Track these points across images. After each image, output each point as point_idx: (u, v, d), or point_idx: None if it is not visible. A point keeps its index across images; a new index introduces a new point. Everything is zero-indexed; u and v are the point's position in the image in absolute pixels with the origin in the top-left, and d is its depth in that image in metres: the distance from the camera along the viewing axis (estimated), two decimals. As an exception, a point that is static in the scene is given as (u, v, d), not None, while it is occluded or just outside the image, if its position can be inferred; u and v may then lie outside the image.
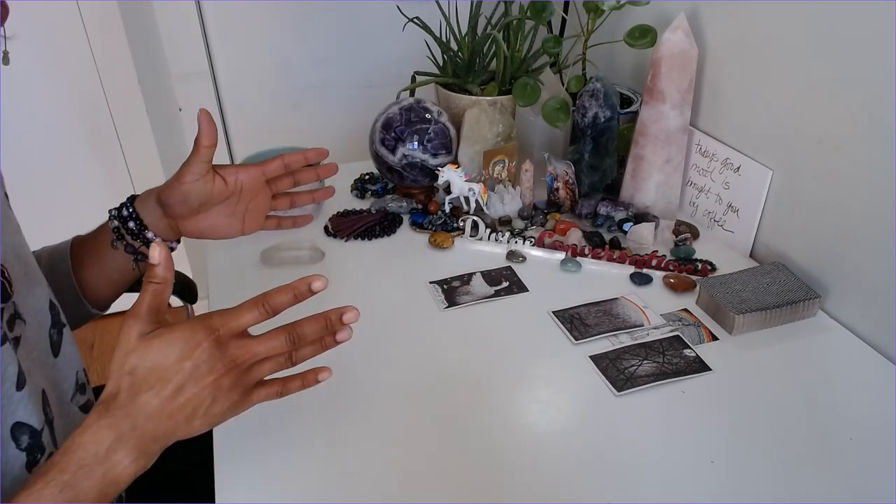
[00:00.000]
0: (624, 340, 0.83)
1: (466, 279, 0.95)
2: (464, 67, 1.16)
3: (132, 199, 0.77)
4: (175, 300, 1.17)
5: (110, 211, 0.77)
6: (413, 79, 1.20)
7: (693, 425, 0.71)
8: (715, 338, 0.84)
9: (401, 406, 0.74)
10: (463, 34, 1.15)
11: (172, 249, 0.75)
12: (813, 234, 0.90)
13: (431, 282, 0.94)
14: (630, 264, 0.97)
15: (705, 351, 0.81)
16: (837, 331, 0.86)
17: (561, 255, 0.99)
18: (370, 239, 1.05)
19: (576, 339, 0.83)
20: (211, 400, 0.52)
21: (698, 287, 0.90)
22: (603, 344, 0.82)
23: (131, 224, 0.75)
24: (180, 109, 1.77)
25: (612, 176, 1.12)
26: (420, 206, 1.11)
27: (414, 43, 1.17)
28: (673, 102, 1.00)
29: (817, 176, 0.88)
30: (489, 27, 1.13)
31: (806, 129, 0.88)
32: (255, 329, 0.54)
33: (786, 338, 0.84)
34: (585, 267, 0.97)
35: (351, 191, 1.18)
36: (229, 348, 0.52)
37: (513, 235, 1.03)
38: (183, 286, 1.18)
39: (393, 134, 1.05)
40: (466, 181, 1.03)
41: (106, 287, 0.80)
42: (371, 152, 1.10)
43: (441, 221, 1.06)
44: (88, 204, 1.78)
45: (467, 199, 1.05)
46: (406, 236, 1.06)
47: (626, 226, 1.03)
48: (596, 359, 0.80)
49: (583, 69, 1.17)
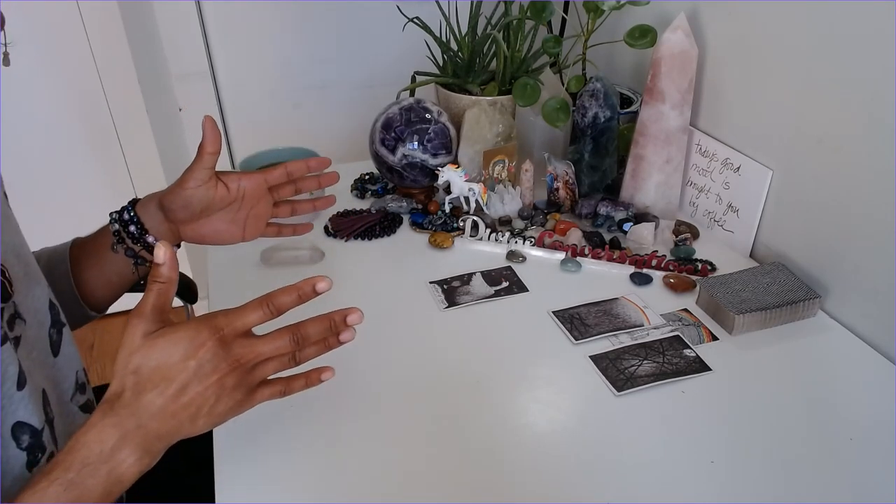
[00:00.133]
0: (624, 340, 0.83)
1: (466, 279, 0.95)
2: (464, 67, 1.16)
3: (133, 203, 0.77)
4: (175, 300, 1.16)
5: (111, 214, 0.77)
6: (413, 79, 1.20)
7: (693, 425, 0.71)
8: (715, 338, 0.84)
9: (401, 406, 0.74)
10: (463, 34, 1.15)
11: None
12: (813, 234, 0.90)
13: (431, 282, 0.94)
14: (630, 264, 0.97)
15: (705, 351, 0.81)
16: (837, 331, 0.86)
17: (561, 255, 0.99)
18: (370, 239, 1.05)
19: (576, 339, 0.83)
20: (215, 399, 0.52)
21: (698, 287, 0.90)
22: (603, 344, 0.82)
23: (132, 228, 0.75)
24: (180, 109, 1.77)
25: (612, 176, 1.12)
26: (420, 206, 1.11)
27: (414, 43, 1.17)
28: (673, 102, 1.00)
29: (817, 176, 0.88)
30: (489, 27, 1.13)
31: (806, 129, 0.88)
32: (259, 329, 0.54)
33: (786, 338, 0.84)
34: (585, 267, 0.97)
35: (351, 191, 1.18)
36: (233, 348, 0.53)
37: (513, 235, 1.03)
38: (183, 286, 1.18)
39: (393, 134, 1.05)
40: (466, 181, 1.03)
41: (104, 289, 0.80)
42: (371, 152, 1.10)
43: (441, 221, 1.06)
44: (88, 204, 1.79)
45: (467, 199, 1.05)
46: (406, 236, 1.06)
47: (626, 226, 1.03)
48: (596, 359, 0.80)
49: (583, 69, 1.17)
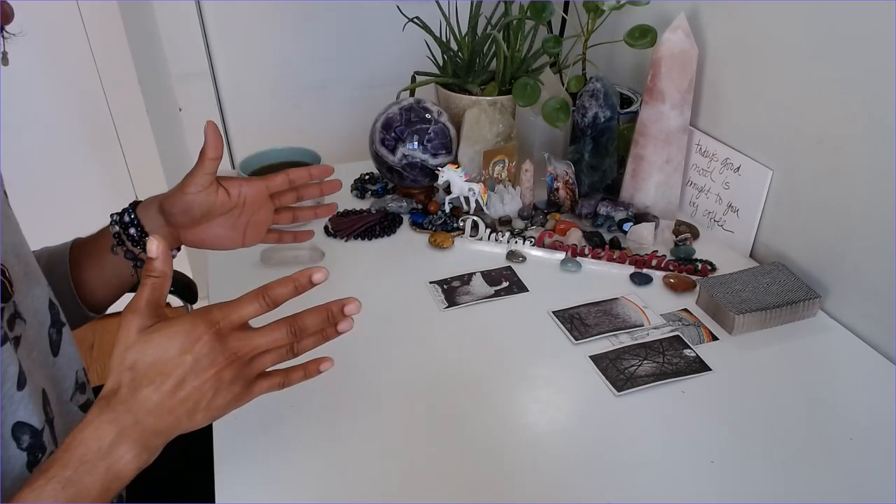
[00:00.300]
0: (624, 340, 0.83)
1: (466, 279, 0.95)
2: (464, 67, 1.16)
3: (134, 205, 0.77)
4: (175, 300, 1.17)
5: (112, 216, 0.77)
6: (413, 79, 1.20)
7: (693, 425, 0.71)
8: (715, 338, 0.84)
9: (401, 406, 0.74)
10: (463, 34, 1.15)
11: (173, 257, 0.75)
12: (813, 234, 0.90)
13: (431, 282, 0.94)
14: (630, 264, 0.97)
15: (705, 351, 0.81)
16: (837, 331, 0.86)
17: (561, 255, 0.99)
18: (370, 239, 1.05)
19: (576, 339, 0.83)
20: (213, 393, 0.52)
21: (698, 287, 0.90)
22: (603, 344, 0.82)
23: (132, 230, 0.75)
24: (180, 109, 1.77)
25: (612, 176, 1.12)
26: (420, 206, 1.11)
27: (414, 43, 1.17)
28: (673, 102, 1.00)
29: (817, 176, 0.88)
30: (489, 27, 1.13)
31: (806, 129, 0.88)
32: (256, 322, 0.54)
33: (786, 338, 0.84)
34: (585, 267, 0.97)
35: (351, 191, 1.18)
36: (230, 341, 0.52)
37: (513, 235, 1.03)
38: (183, 286, 1.18)
39: (393, 134, 1.05)
40: (466, 181, 1.03)
41: (103, 290, 0.80)
42: (371, 152, 1.10)
43: (441, 221, 1.06)
44: (88, 204, 1.79)
45: (467, 199, 1.05)
46: (406, 236, 1.06)
47: (626, 226, 1.03)
48: (596, 359, 0.80)
49: (583, 69, 1.17)
